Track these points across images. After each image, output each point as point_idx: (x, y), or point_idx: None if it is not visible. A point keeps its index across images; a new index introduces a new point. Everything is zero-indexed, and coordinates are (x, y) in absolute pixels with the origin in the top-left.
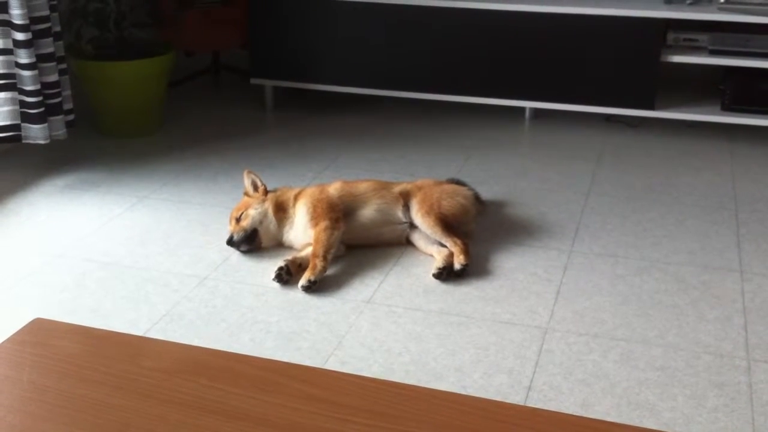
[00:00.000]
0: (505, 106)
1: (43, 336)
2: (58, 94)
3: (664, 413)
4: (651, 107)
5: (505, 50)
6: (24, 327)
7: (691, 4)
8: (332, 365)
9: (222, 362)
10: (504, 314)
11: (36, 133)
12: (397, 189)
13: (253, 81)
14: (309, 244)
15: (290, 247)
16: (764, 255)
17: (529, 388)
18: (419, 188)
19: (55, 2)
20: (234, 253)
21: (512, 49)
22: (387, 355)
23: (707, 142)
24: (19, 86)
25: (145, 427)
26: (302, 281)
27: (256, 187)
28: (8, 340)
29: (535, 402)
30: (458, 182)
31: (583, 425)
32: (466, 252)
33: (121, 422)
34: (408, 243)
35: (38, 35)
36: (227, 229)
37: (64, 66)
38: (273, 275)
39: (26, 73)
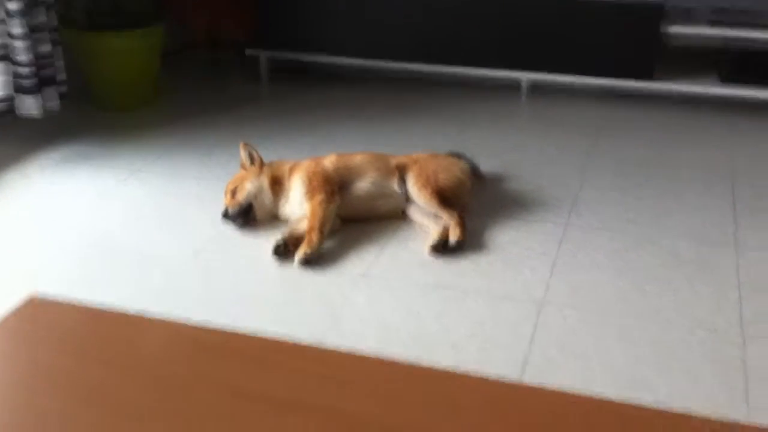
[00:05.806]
0: (502, 79)
1: (40, 313)
2: (51, 65)
3: (660, 388)
4: (650, 78)
5: (502, 21)
6: (20, 304)
7: None
8: (328, 339)
9: (221, 339)
10: (499, 288)
11: (30, 105)
12: (393, 162)
13: (248, 52)
14: (304, 218)
15: (285, 221)
16: (760, 230)
17: (525, 363)
18: (415, 161)
19: None
20: (229, 227)
21: (509, 20)
22: (383, 328)
23: (706, 116)
24: (11, 57)
25: (143, 403)
26: (299, 255)
27: (252, 160)
28: (4, 317)
29: (532, 377)
30: (458, 155)
31: (583, 403)
32: (462, 226)
33: (119, 398)
34: (404, 216)
35: (30, 4)
36: (222, 202)
37: (56, 36)
38: (271, 250)
39: (19, 43)
